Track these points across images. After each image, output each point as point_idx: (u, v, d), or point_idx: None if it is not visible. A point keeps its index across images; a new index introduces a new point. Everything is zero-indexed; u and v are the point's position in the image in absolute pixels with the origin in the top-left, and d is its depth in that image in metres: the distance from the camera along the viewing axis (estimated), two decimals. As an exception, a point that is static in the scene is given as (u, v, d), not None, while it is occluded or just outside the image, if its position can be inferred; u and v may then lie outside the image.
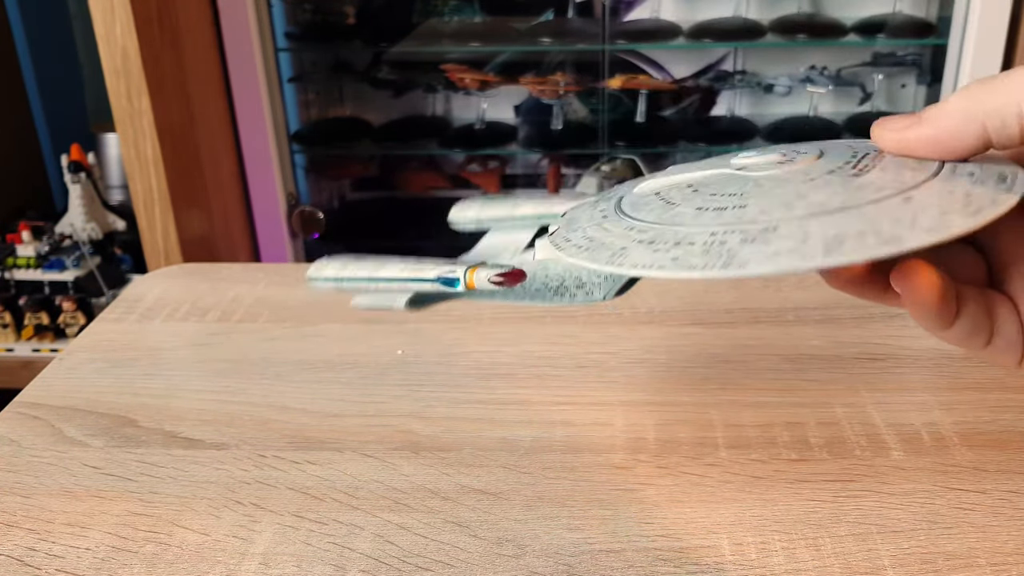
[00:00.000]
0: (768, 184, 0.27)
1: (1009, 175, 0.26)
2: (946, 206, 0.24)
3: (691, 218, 0.27)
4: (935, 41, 1.48)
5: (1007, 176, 0.26)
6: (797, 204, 0.26)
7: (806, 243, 0.24)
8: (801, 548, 0.38)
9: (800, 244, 0.24)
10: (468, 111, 1.71)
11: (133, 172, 1.31)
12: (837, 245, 0.24)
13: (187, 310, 0.61)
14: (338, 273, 0.34)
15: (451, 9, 1.62)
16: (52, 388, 0.52)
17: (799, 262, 0.24)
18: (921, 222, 0.24)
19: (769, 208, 0.26)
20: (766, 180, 0.28)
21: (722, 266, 0.24)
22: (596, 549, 0.39)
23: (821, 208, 0.25)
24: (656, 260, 0.26)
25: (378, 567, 0.38)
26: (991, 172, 0.26)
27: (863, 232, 0.24)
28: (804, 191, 0.26)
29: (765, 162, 0.29)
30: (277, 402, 0.50)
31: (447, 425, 0.48)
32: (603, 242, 0.28)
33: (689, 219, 0.27)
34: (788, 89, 1.58)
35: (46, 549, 0.40)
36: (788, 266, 0.24)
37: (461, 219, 0.38)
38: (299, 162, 1.67)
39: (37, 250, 1.50)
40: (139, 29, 1.22)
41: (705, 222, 0.26)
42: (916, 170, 0.26)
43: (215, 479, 0.44)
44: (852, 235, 0.24)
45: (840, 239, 0.24)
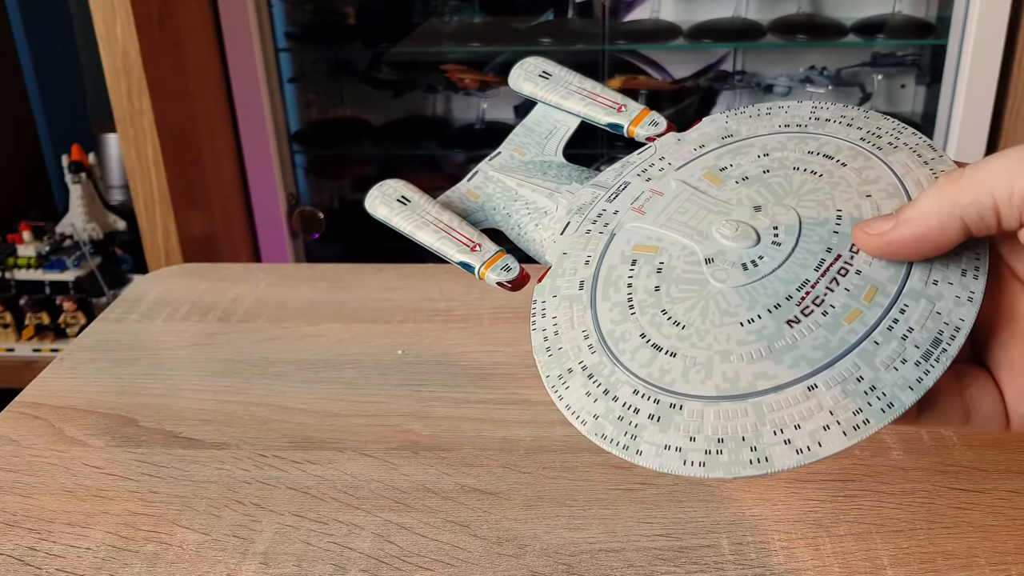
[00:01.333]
0: (721, 305, 0.29)
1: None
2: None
3: (630, 354, 0.30)
4: (934, 41, 1.48)
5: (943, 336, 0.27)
6: (727, 365, 0.28)
7: (694, 441, 0.27)
8: (800, 547, 0.38)
9: (687, 442, 0.27)
10: (468, 111, 1.71)
11: (134, 172, 1.31)
12: (716, 457, 0.26)
13: (187, 310, 0.61)
14: (386, 218, 0.38)
15: (451, 9, 1.62)
16: (53, 388, 0.52)
17: (677, 467, 0.27)
18: (804, 435, 0.26)
19: (696, 360, 0.28)
20: (722, 297, 0.30)
21: (622, 448, 0.28)
22: (596, 548, 0.39)
23: (735, 380, 0.27)
24: (584, 408, 0.29)
25: (378, 566, 0.38)
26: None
27: (741, 442, 0.26)
28: (746, 339, 0.28)
29: (739, 249, 0.30)
30: (277, 402, 0.50)
31: (447, 425, 0.48)
32: (560, 347, 0.31)
33: (628, 353, 0.30)
34: (788, 89, 1.58)
35: (46, 549, 0.40)
36: (669, 468, 0.27)
37: (520, 86, 0.41)
38: (299, 162, 1.67)
39: (38, 250, 1.50)
40: (140, 29, 1.22)
41: (638, 364, 0.29)
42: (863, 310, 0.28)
43: (215, 479, 0.44)
44: (732, 443, 0.27)
45: (720, 445, 0.27)
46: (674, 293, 0.31)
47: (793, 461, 0.26)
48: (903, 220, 0.27)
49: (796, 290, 0.29)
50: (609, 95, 0.39)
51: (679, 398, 0.28)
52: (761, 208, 0.31)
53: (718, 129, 0.35)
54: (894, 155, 0.31)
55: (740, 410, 0.27)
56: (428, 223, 0.37)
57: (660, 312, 0.30)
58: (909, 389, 0.26)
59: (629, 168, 0.36)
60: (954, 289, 0.27)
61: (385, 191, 0.38)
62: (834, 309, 0.28)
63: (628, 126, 0.37)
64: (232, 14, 1.43)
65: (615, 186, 0.35)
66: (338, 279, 0.65)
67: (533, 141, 0.40)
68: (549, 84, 0.40)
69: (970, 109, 1.38)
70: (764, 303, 0.29)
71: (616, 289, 0.32)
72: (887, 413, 0.26)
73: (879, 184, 0.30)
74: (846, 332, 0.27)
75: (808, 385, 0.27)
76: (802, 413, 0.26)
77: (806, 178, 0.32)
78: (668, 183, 0.34)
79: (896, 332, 0.27)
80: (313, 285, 0.64)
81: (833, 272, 0.29)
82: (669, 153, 0.36)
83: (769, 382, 0.27)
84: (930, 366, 0.26)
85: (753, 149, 0.34)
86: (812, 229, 0.30)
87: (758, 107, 0.36)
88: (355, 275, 0.65)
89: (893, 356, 0.27)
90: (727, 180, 0.33)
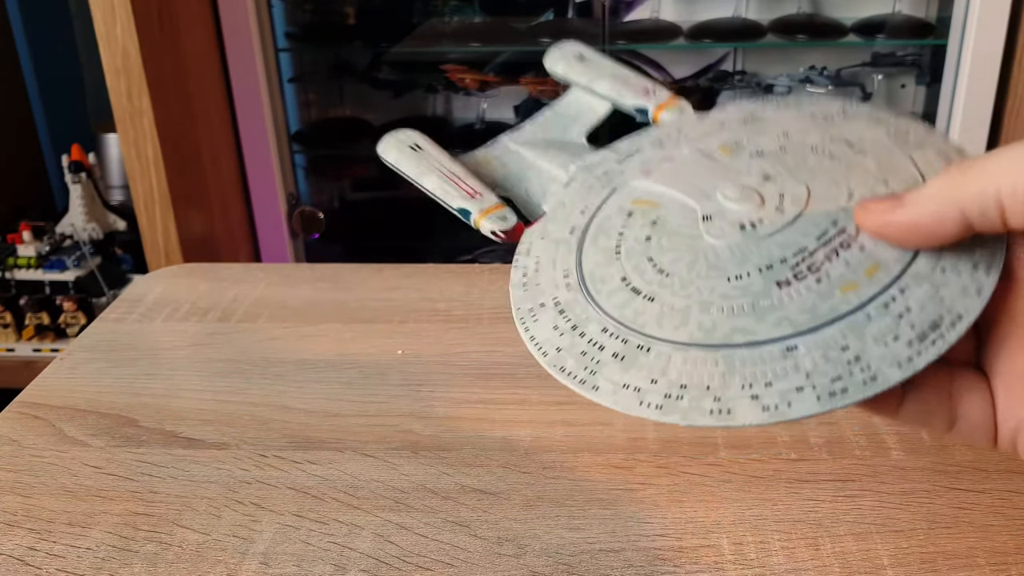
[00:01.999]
0: (710, 259, 0.29)
1: (949, 318, 0.26)
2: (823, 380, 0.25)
3: (607, 294, 0.29)
4: (934, 41, 1.48)
5: (948, 319, 0.26)
6: (705, 315, 0.27)
7: (655, 384, 0.26)
8: (800, 547, 0.38)
9: (648, 383, 0.26)
10: (468, 111, 1.71)
11: (134, 172, 1.31)
12: (674, 402, 0.26)
13: (187, 310, 0.61)
14: (395, 161, 0.37)
15: (451, 9, 1.62)
16: (53, 388, 0.52)
17: (633, 407, 0.26)
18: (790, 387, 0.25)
19: (673, 307, 0.28)
20: (713, 253, 0.29)
21: (579, 382, 0.27)
22: (596, 548, 0.39)
23: (710, 330, 0.27)
24: (549, 340, 0.29)
25: (378, 566, 0.38)
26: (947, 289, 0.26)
27: (705, 390, 0.26)
28: (730, 293, 0.27)
29: (740, 211, 0.29)
30: (277, 402, 0.50)
31: (447, 425, 0.48)
32: (537, 284, 0.31)
33: (605, 294, 0.29)
34: (788, 89, 1.58)
35: (47, 549, 0.40)
36: (624, 407, 0.26)
37: (554, 67, 0.41)
38: (299, 162, 1.67)
39: (38, 250, 1.50)
40: (140, 29, 1.22)
41: (613, 304, 0.29)
42: (860, 286, 0.26)
43: (215, 479, 0.44)
44: (695, 390, 0.26)
45: (682, 391, 0.26)
46: (664, 244, 0.30)
47: (757, 418, 0.25)
48: (904, 202, 0.26)
49: (792, 255, 0.28)
50: (640, 80, 0.38)
51: (648, 340, 0.27)
52: (770, 178, 0.30)
53: (742, 112, 0.35)
54: (919, 152, 0.30)
55: (710, 359, 0.26)
56: (434, 169, 0.36)
57: (646, 259, 0.30)
58: (897, 366, 0.25)
59: (645, 137, 0.35)
60: (962, 280, 0.26)
61: (399, 137, 0.38)
62: (829, 278, 0.27)
63: (654, 110, 0.37)
64: (232, 14, 1.43)
65: (627, 152, 0.35)
66: (338, 279, 0.65)
67: (559, 123, 0.40)
68: (582, 66, 0.40)
69: (970, 109, 1.38)
70: (756, 262, 0.28)
71: (606, 236, 0.31)
72: (868, 386, 0.24)
73: (900, 175, 0.29)
74: (839, 301, 0.26)
75: (788, 346, 0.26)
76: (776, 371, 0.25)
77: (823, 159, 0.31)
78: (681, 150, 0.33)
79: (892, 309, 0.26)
80: (313, 285, 0.64)
81: (835, 244, 0.27)
82: (688, 127, 0.35)
83: (746, 336, 0.26)
84: (923, 348, 0.25)
85: (774, 130, 0.33)
86: (820, 202, 0.29)
87: (787, 99, 0.35)
88: (355, 275, 0.65)
89: (885, 331, 0.25)
90: (741, 152, 0.32)
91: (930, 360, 0.25)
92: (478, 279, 0.64)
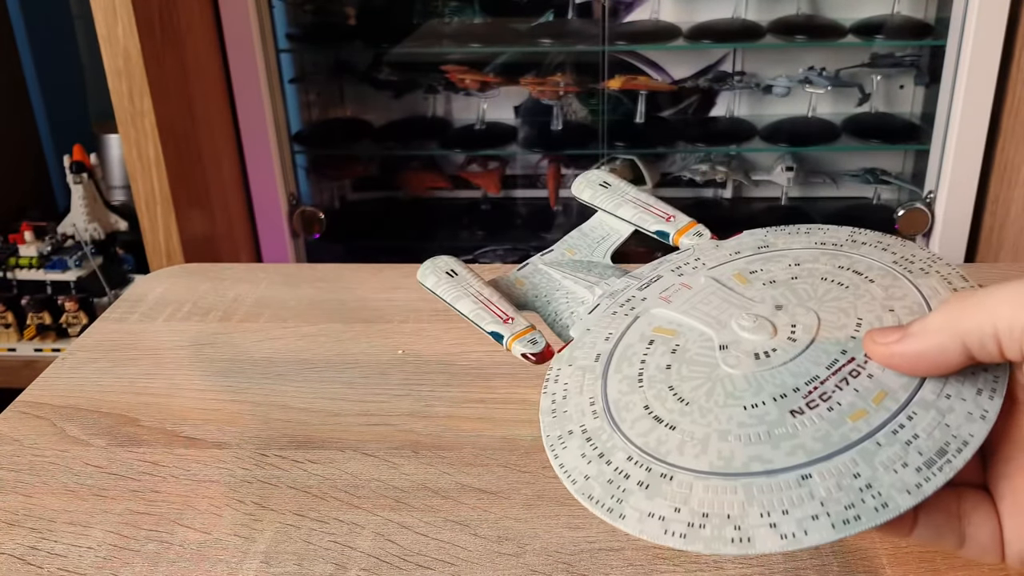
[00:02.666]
0: (727, 388, 0.30)
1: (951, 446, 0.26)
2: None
3: (631, 422, 0.30)
4: (933, 42, 1.48)
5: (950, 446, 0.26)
6: (724, 444, 0.28)
7: (678, 512, 0.27)
8: (799, 546, 0.38)
9: (671, 512, 0.27)
10: (468, 112, 1.71)
11: (135, 172, 1.31)
12: (697, 531, 0.26)
13: (189, 310, 0.61)
14: (433, 286, 0.41)
15: (451, 10, 1.62)
16: (54, 387, 0.53)
17: (658, 536, 0.27)
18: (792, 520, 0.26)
19: (693, 435, 0.29)
20: (730, 381, 0.30)
21: (607, 511, 0.28)
22: (596, 548, 0.39)
23: (729, 459, 0.28)
24: (577, 468, 0.30)
25: (379, 565, 0.38)
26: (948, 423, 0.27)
27: (726, 519, 0.26)
28: (747, 421, 0.28)
29: (754, 340, 0.31)
30: (278, 401, 0.50)
31: (447, 425, 0.48)
32: (565, 411, 0.32)
33: (629, 422, 0.30)
34: (787, 90, 1.58)
35: (48, 548, 0.40)
36: (650, 536, 0.27)
37: (581, 194, 0.44)
38: (300, 162, 1.67)
39: (39, 250, 1.50)
40: (141, 30, 1.22)
41: (636, 433, 0.30)
42: (867, 414, 0.27)
43: (217, 478, 0.44)
44: (717, 519, 0.26)
45: (704, 520, 0.27)
46: (684, 372, 0.31)
47: (776, 546, 0.26)
48: (909, 333, 0.27)
49: (805, 383, 0.29)
50: (660, 206, 0.41)
51: (671, 469, 0.28)
52: (783, 307, 0.32)
53: (756, 240, 0.37)
54: (924, 279, 0.31)
55: (730, 487, 0.27)
56: (469, 294, 0.39)
57: (667, 388, 0.31)
58: (907, 493, 0.25)
59: (665, 264, 0.37)
60: (967, 405, 0.27)
61: (438, 264, 0.42)
62: (840, 406, 0.28)
63: (674, 235, 0.39)
64: (233, 15, 1.43)
65: (648, 278, 0.37)
66: (338, 279, 0.65)
67: (585, 244, 0.43)
68: (607, 193, 0.43)
69: (969, 109, 1.38)
70: (770, 391, 0.29)
71: (629, 364, 0.33)
72: (880, 513, 0.25)
73: (904, 301, 0.30)
74: (849, 429, 0.27)
75: (803, 474, 0.27)
76: (792, 499, 0.26)
77: (832, 287, 0.32)
78: (698, 278, 0.35)
79: (901, 436, 0.27)
80: (313, 285, 0.64)
81: (844, 372, 0.29)
82: (705, 255, 0.37)
83: (763, 465, 0.27)
84: (931, 474, 0.26)
85: (785, 259, 0.35)
86: (830, 331, 0.30)
87: (798, 227, 0.37)
88: (355, 275, 0.65)
89: (894, 459, 0.26)
90: (755, 281, 0.34)
91: (939, 486, 0.26)
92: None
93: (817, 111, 1.60)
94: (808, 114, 1.60)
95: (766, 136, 1.56)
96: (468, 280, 0.40)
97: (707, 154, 1.61)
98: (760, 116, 1.62)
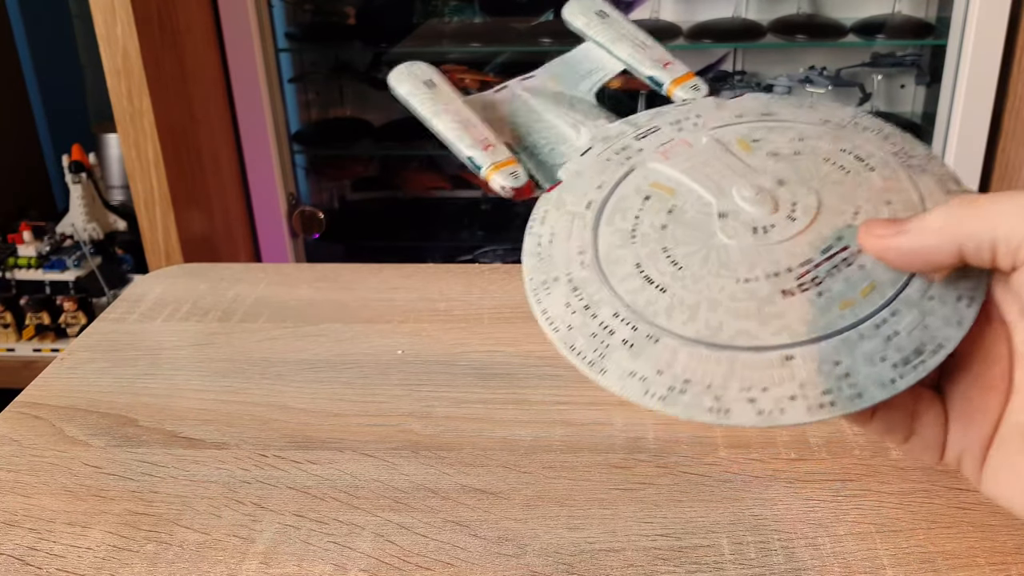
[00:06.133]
0: (722, 258, 0.30)
1: (928, 346, 0.27)
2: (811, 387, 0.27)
3: (621, 278, 0.30)
4: (934, 42, 1.48)
5: (926, 347, 0.27)
6: (713, 314, 0.28)
7: (661, 375, 0.27)
8: (800, 547, 0.38)
9: (654, 374, 0.27)
10: (468, 111, 1.71)
11: (134, 172, 1.31)
12: (677, 395, 0.27)
13: (188, 310, 0.61)
14: (407, 96, 0.38)
15: (451, 10, 1.62)
16: (53, 388, 0.53)
17: (638, 396, 0.27)
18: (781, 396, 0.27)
19: (683, 301, 0.29)
20: (725, 251, 0.30)
21: (588, 363, 0.28)
22: (596, 548, 0.39)
23: (717, 329, 0.28)
24: (560, 317, 0.29)
25: (378, 566, 0.38)
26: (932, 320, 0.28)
27: (706, 388, 0.27)
28: (738, 294, 0.28)
29: (754, 213, 0.30)
30: (278, 402, 0.50)
31: (447, 425, 0.48)
32: (551, 255, 0.31)
33: (619, 277, 0.30)
34: (788, 89, 1.58)
35: (47, 548, 0.40)
36: (630, 394, 0.27)
37: (572, 20, 0.41)
38: (299, 162, 1.67)
39: (38, 250, 1.50)
40: (140, 29, 1.22)
41: (626, 289, 0.29)
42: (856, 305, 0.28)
43: (216, 478, 0.44)
44: (698, 386, 0.27)
45: (685, 385, 0.27)
46: (679, 235, 0.31)
47: (752, 420, 0.26)
48: (906, 229, 0.27)
49: (799, 265, 0.29)
50: (658, 50, 0.38)
51: (658, 331, 0.28)
52: (785, 183, 0.31)
53: (760, 105, 0.35)
54: (921, 176, 0.31)
55: (715, 358, 0.27)
56: (448, 111, 0.36)
57: (661, 248, 0.30)
58: (881, 387, 0.26)
59: (663, 116, 0.36)
60: (947, 310, 0.27)
61: (413, 70, 0.38)
62: (830, 292, 0.28)
63: (669, 84, 0.37)
64: (232, 14, 1.43)
65: (645, 128, 0.35)
66: (338, 279, 0.65)
67: (569, 75, 0.40)
68: (602, 24, 0.40)
69: (970, 109, 1.38)
70: (764, 268, 0.29)
71: (623, 217, 0.32)
72: (854, 402, 0.26)
73: (902, 196, 0.30)
74: (836, 316, 0.28)
75: (787, 355, 0.27)
76: (773, 378, 0.27)
77: (833, 170, 0.32)
78: (700, 137, 0.34)
79: (883, 331, 0.27)
80: (313, 285, 0.64)
81: (838, 259, 0.29)
82: (706, 113, 0.35)
83: (750, 340, 0.27)
84: (906, 371, 0.27)
85: (790, 131, 0.34)
86: (828, 216, 0.30)
87: (802, 100, 0.36)
88: (355, 275, 0.65)
89: (874, 352, 0.27)
90: (758, 150, 0.33)
91: (911, 383, 0.27)
92: (478, 279, 0.64)
93: (817, 111, 1.60)
94: (808, 114, 1.60)
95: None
96: (448, 95, 0.37)
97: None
98: (760, 116, 1.62)
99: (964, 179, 0.67)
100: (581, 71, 0.40)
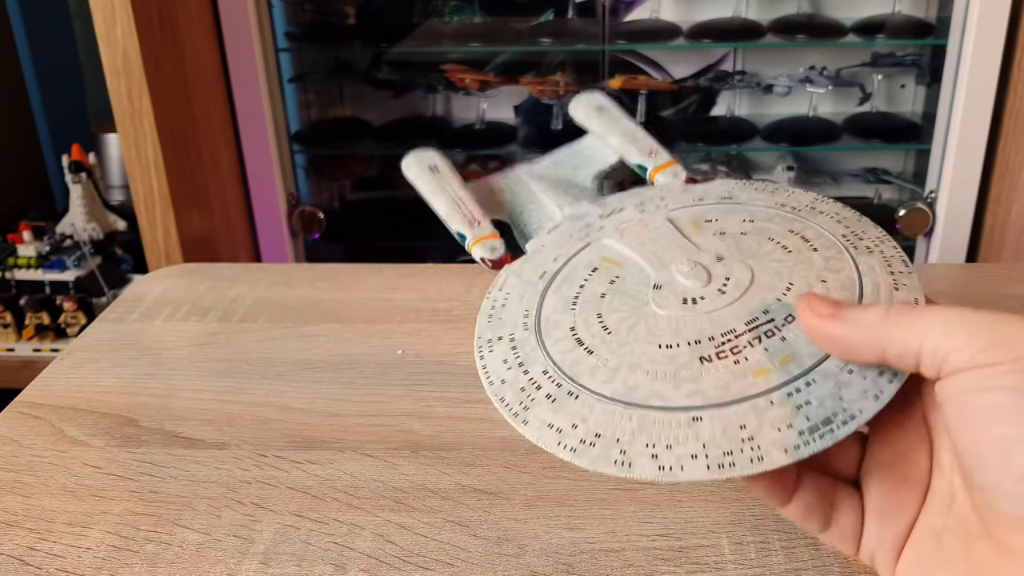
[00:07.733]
0: (649, 325, 0.31)
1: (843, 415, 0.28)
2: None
3: (555, 340, 0.32)
4: (934, 41, 1.48)
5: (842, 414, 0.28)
6: (632, 375, 0.30)
7: (575, 428, 0.29)
8: (801, 547, 0.38)
9: (569, 427, 0.29)
10: (468, 111, 1.71)
11: (134, 172, 1.31)
12: (587, 448, 0.28)
13: (188, 310, 0.61)
14: (414, 178, 0.42)
15: (451, 9, 1.62)
16: (53, 388, 0.53)
17: (552, 446, 0.29)
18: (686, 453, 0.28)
19: (607, 362, 0.30)
20: (653, 319, 0.32)
21: (512, 414, 0.30)
22: (596, 548, 0.39)
23: (632, 389, 0.29)
24: (496, 372, 0.32)
25: (378, 566, 0.38)
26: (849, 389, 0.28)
27: (615, 442, 0.28)
28: (658, 359, 0.30)
29: (687, 285, 0.32)
30: (278, 402, 0.50)
31: (447, 425, 0.48)
32: (501, 318, 0.34)
33: (554, 339, 0.32)
34: (788, 89, 1.57)
35: (47, 548, 0.40)
36: (545, 444, 0.29)
37: (575, 113, 0.45)
38: (299, 162, 1.67)
39: (38, 250, 1.50)
40: (140, 29, 1.22)
41: (558, 350, 0.32)
42: (764, 374, 0.29)
43: (216, 478, 0.44)
44: (607, 440, 0.28)
45: (596, 439, 0.28)
46: (615, 303, 0.33)
47: (652, 475, 0.27)
48: (840, 316, 0.28)
49: (721, 334, 0.30)
50: (646, 140, 0.42)
51: (579, 388, 0.30)
52: (723, 259, 0.33)
53: (722, 190, 0.38)
54: (866, 257, 0.32)
55: (626, 415, 0.29)
56: (445, 192, 0.41)
57: (596, 315, 0.33)
58: (784, 452, 0.27)
59: (632, 197, 0.39)
60: (865, 383, 0.28)
61: (422, 157, 0.43)
62: (747, 361, 0.29)
63: (651, 171, 0.41)
64: (232, 14, 1.43)
65: (612, 208, 0.38)
66: (338, 279, 0.65)
67: (571, 163, 0.44)
68: (599, 118, 0.44)
69: (970, 109, 1.38)
70: (687, 336, 0.30)
71: (569, 286, 0.34)
72: (754, 464, 0.27)
73: (840, 275, 0.31)
74: (748, 384, 0.28)
75: (695, 415, 0.28)
76: (678, 437, 0.28)
77: (775, 249, 0.33)
78: (656, 218, 0.36)
79: (794, 400, 0.28)
80: (313, 285, 0.64)
81: (760, 331, 0.30)
82: (671, 196, 0.38)
83: (661, 401, 0.29)
84: (812, 439, 0.27)
85: (743, 213, 0.36)
86: (759, 290, 0.31)
87: (766, 183, 0.38)
88: (355, 275, 0.65)
89: (782, 419, 0.27)
90: (707, 230, 0.35)
91: (816, 451, 0.27)
92: (478, 279, 0.64)
93: (818, 111, 1.60)
94: (809, 114, 1.60)
95: (767, 136, 1.56)
96: (448, 178, 0.42)
97: (708, 153, 1.61)
98: (761, 116, 1.62)
99: (964, 179, 0.67)
100: (581, 159, 0.44)
